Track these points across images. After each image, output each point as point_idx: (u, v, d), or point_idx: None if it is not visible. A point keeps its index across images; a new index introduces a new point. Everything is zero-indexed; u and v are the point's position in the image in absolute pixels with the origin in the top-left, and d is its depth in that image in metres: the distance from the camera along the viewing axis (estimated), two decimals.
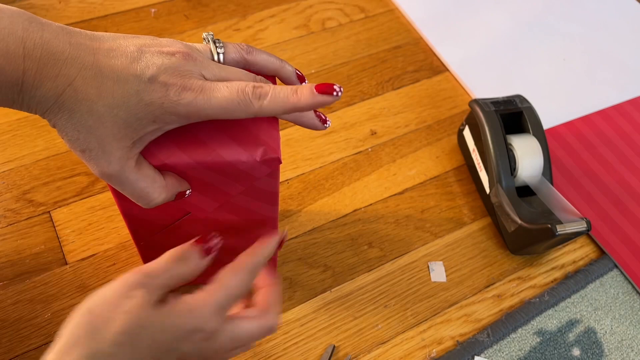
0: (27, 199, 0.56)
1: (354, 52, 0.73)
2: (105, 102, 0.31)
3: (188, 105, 0.32)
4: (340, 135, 0.65)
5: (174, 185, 0.36)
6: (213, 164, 0.36)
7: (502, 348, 0.52)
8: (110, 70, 0.31)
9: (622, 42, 0.79)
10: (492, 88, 0.71)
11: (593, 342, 0.53)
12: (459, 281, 0.55)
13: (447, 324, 0.53)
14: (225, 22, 0.74)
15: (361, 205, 0.60)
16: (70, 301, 0.50)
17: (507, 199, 0.55)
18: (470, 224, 0.59)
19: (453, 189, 0.62)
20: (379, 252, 0.56)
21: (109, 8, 0.73)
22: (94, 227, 0.55)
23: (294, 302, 0.53)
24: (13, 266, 0.52)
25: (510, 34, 0.78)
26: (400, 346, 0.51)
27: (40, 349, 0.48)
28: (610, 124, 0.69)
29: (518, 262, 0.57)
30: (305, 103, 0.34)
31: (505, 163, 0.56)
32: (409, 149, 0.65)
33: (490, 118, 0.57)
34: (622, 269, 0.57)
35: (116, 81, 0.31)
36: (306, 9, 0.77)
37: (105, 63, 0.31)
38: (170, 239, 0.43)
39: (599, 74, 0.75)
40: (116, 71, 0.31)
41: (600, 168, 0.65)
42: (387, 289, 0.54)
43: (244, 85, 0.33)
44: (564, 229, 0.51)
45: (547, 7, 0.82)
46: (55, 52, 0.30)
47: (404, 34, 0.76)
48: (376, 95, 0.69)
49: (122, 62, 0.32)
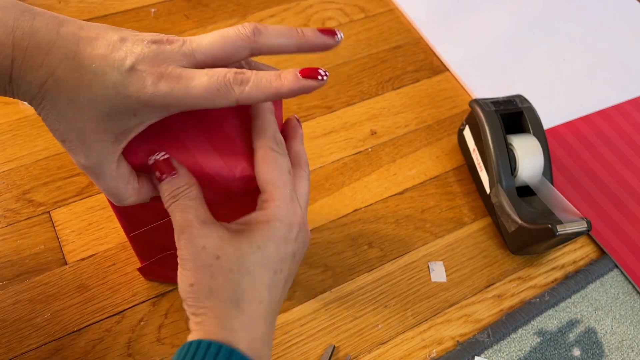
0: (26, 199, 0.56)
1: (354, 52, 0.73)
2: (85, 95, 0.31)
3: (165, 97, 0.31)
4: (340, 135, 0.65)
5: (148, 190, 0.36)
6: (191, 172, 0.35)
7: (502, 348, 0.52)
8: (91, 61, 0.31)
9: (622, 42, 0.79)
10: (492, 88, 0.71)
11: (593, 343, 0.53)
12: (459, 281, 0.55)
13: (447, 324, 0.53)
14: (225, 22, 0.74)
15: (361, 205, 0.59)
16: (69, 301, 0.50)
17: (508, 199, 0.55)
18: (471, 224, 0.59)
19: (453, 189, 0.62)
20: (379, 252, 0.56)
21: (108, 8, 0.73)
22: (94, 227, 0.55)
23: (294, 302, 0.52)
24: (13, 266, 0.52)
25: (510, 33, 0.78)
26: (400, 346, 0.51)
27: (40, 349, 0.48)
28: (611, 124, 0.69)
29: (518, 262, 0.57)
30: (288, 88, 0.33)
31: (505, 163, 0.56)
32: (409, 149, 0.65)
33: (490, 118, 0.57)
34: (623, 269, 0.57)
35: (95, 73, 0.31)
36: (306, 8, 0.77)
37: (87, 53, 0.31)
38: (158, 234, 0.43)
39: (599, 74, 0.75)
40: (96, 61, 0.31)
41: (600, 168, 0.65)
42: (387, 289, 0.54)
43: (225, 71, 0.32)
44: (564, 229, 0.51)
45: (547, 7, 0.82)
46: (41, 42, 0.30)
47: (404, 33, 0.76)
48: (376, 95, 0.69)
49: (103, 51, 0.31)
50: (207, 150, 0.35)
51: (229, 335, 0.31)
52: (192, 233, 0.33)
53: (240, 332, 0.32)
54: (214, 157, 0.35)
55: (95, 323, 0.50)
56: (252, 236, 0.33)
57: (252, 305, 0.32)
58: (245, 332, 0.32)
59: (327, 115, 0.66)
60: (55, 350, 0.48)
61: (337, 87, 0.69)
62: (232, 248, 0.33)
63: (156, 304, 0.51)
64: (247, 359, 0.31)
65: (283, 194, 0.34)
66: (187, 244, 0.33)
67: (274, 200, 0.34)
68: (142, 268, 0.50)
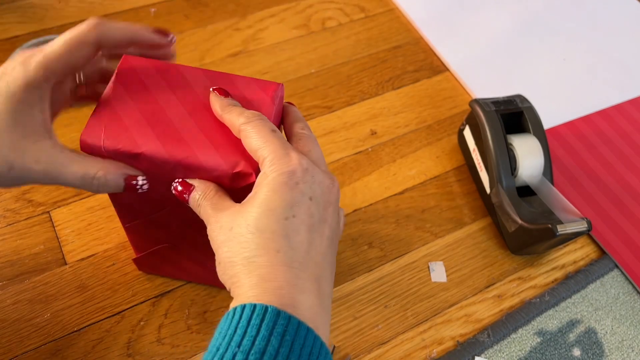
0: (26, 199, 0.56)
1: (354, 52, 0.73)
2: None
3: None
4: (341, 135, 0.65)
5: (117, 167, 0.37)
6: (189, 164, 0.36)
7: (502, 348, 0.51)
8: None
9: (623, 42, 0.79)
10: (493, 88, 0.71)
11: (593, 343, 0.53)
12: (460, 281, 0.55)
13: (448, 324, 0.53)
14: (224, 21, 0.74)
15: (361, 205, 0.59)
16: (69, 301, 0.50)
17: (508, 199, 0.55)
18: (471, 224, 0.59)
19: (453, 189, 0.62)
20: (379, 252, 0.56)
21: (108, 7, 0.73)
22: (94, 227, 0.55)
23: None
24: (12, 266, 0.52)
25: (510, 33, 0.78)
26: (400, 346, 0.51)
27: (40, 349, 0.48)
28: (611, 123, 0.69)
29: (518, 262, 0.57)
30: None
31: (505, 163, 0.56)
32: (409, 149, 0.65)
33: (490, 118, 0.57)
34: (623, 269, 0.57)
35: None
36: (306, 8, 0.77)
37: None
38: (153, 227, 0.44)
39: (599, 74, 0.75)
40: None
41: (600, 168, 0.65)
42: (388, 289, 0.54)
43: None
44: (565, 229, 0.51)
45: (548, 7, 0.82)
46: None
47: (404, 33, 0.76)
48: (376, 95, 0.69)
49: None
50: (205, 145, 0.36)
51: (252, 294, 0.32)
52: (211, 222, 0.36)
53: (260, 286, 0.32)
54: (212, 151, 0.36)
55: (95, 323, 0.50)
56: (256, 198, 0.34)
57: (267, 257, 0.32)
58: (268, 284, 0.32)
59: (327, 115, 0.66)
60: (55, 350, 0.48)
61: (337, 87, 0.69)
62: (242, 216, 0.34)
63: (156, 304, 0.51)
64: (272, 308, 0.31)
65: (270, 149, 0.34)
66: (210, 232, 0.36)
67: (264, 159, 0.34)
68: (137, 259, 0.50)
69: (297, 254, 0.33)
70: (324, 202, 0.35)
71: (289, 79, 0.69)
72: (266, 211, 0.33)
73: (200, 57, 0.69)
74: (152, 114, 0.37)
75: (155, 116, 0.37)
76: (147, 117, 0.37)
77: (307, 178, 0.34)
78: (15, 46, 0.66)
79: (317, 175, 0.35)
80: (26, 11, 0.71)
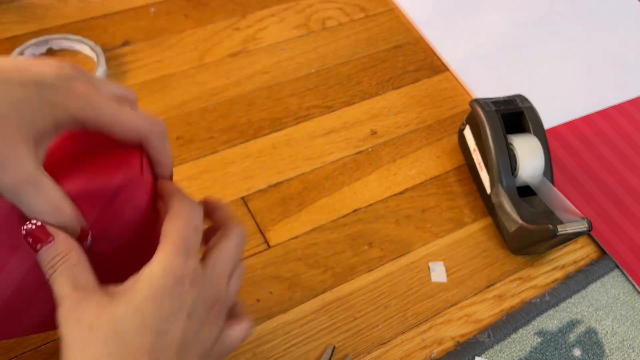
0: None
1: (354, 52, 0.73)
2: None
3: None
4: (341, 135, 0.65)
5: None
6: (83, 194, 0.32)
7: (502, 348, 0.51)
8: None
9: (623, 42, 0.79)
10: (493, 88, 0.70)
11: (594, 343, 0.53)
12: (460, 281, 0.55)
13: (448, 325, 0.53)
14: (224, 21, 0.73)
15: (361, 205, 0.59)
16: None
17: (508, 199, 0.55)
18: (471, 224, 0.59)
19: (453, 189, 0.62)
20: (379, 252, 0.56)
21: (108, 7, 0.73)
22: None
23: (294, 303, 0.52)
24: None
25: (510, 33, 0.78)
26: (400, 347, 0.51)
27: (40, 349, 0.48)
28: (611, 123, 0.69)
29: (519, 263, 0.57)
30: None
31: (506, 163, 0.56)
32: (409, 149, 0.64)
33: (490, 118, 0.57)
34: (623, 269, 0.57)
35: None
36: (306, 8, 0.77)
37: None
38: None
39: (599, 74, 0.75)
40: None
41: (601, 168, 0.65)
42: (388, 289, 0.54)
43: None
44: (565, 229, 0.51)
45: (548, 7, 0.82)
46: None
47: (404, 33, 0.76)
48: (376, 95, 0.69)
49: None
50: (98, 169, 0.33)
51: None
52: (66, 306, 0.30)
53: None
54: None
55: None
56: (132, 296, 0.30)
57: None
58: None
59: (327, 115, 0.66)
60: (55, 350, 0.48)
61: (337, 87, 0.69)
62: (108, 314, 0.30)
63: None
64: None
65: (171, 245, 0.31)
66: (61, 318, 0.30)
67: (158, 252, 0.31)
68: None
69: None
70: (202, 319, 0.33)
71: (289, 78, 0.69)
72: (139, 321, 0.30)
73: (200, 57, 0.69)
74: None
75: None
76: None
77: (193, 293, 0.32)
78: (15, 46, 0.66)
79: (204, 292, 0.32)
80: (26, 11, 0.71)
